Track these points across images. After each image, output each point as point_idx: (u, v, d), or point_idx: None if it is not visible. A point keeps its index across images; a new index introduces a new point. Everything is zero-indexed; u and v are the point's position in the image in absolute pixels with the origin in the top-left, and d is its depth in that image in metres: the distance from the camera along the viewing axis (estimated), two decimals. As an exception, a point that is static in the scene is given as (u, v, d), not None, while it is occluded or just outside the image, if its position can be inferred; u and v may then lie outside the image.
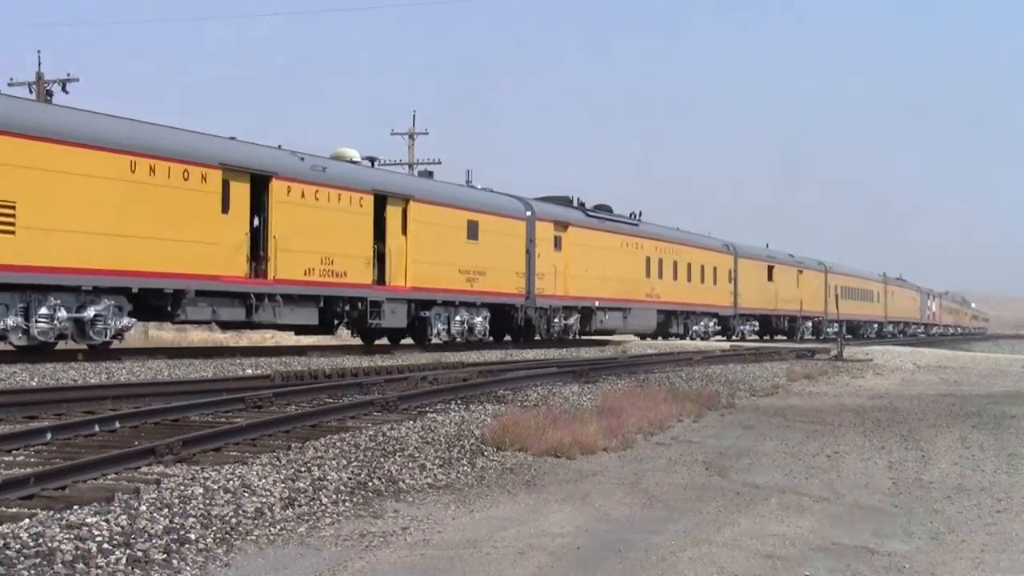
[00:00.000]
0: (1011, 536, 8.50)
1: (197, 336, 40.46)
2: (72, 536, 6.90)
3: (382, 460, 10.42)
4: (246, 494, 8.50)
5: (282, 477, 9.16)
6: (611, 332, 40.25)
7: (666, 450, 12.83)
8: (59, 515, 7.37)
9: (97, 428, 11.39)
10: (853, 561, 7.57)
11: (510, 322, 34.26)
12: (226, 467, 9.32)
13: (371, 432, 11.71)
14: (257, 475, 9.11)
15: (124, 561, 6.67)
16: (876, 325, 75.15)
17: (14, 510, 7.49)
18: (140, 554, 6.81)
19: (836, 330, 60.51)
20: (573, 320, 37.17)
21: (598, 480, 10.62)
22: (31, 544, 6.69)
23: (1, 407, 12.62)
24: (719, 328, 50.20)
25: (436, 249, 29.76)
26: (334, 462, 10.00)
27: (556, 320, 36.05)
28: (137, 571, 6.59)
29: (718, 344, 41.54)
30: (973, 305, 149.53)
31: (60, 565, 6.44)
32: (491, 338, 33.41)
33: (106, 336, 21.08)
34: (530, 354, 29.84)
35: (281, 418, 12.21)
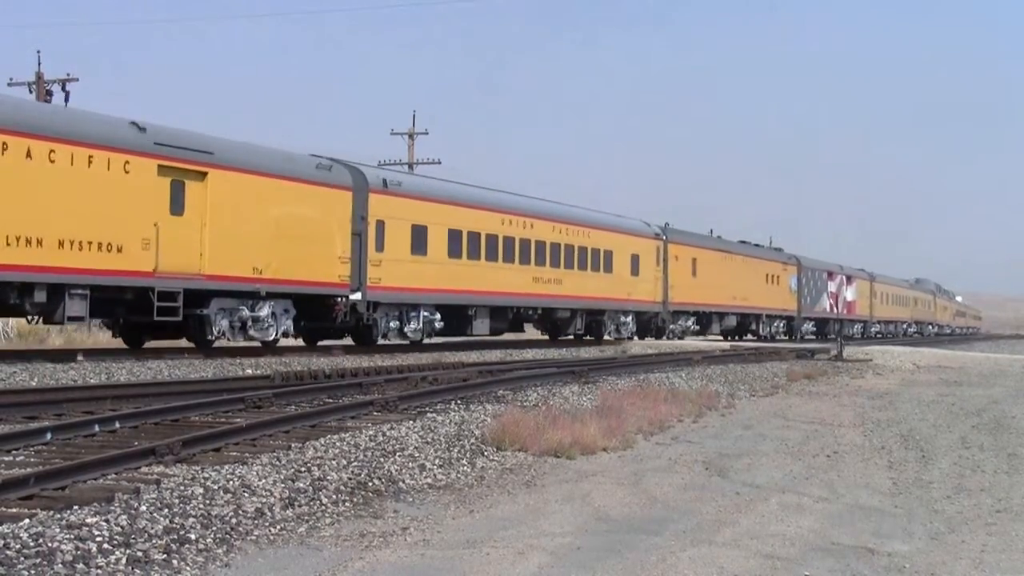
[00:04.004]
0: (1011, 536, 8.50)
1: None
2: (72, 536, 6.90)
3: (382, 460, 10.41)
4: (246, 494, 8.50)
5: (282, 477, 9.16)
6: None
7: (666, 450, 12.83)
8: (59, 515, 7.37)
9: (97, 428, 11.39)
10: (853, 561, 7.57)
11: None
12: (226, 467, 9.32)
13: (371, 432, 11.71)
14: (257, 475, 9.11)
15: (124, 561, 6.67)
16: (630, 315, 40.48)
17: (14, 510, 7.49)
18: (140, 554, 6.82)
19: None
20: None
21: (598, 480, 10.61)
22: (31, 544, 6.69)
23: (1, 407, 12.62)
24: None
25: None
26: (334, 462, 10.00)
27: None
28: (137, 571, 6.59)
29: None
30: (959, 299, 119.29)
31: (60, 565, 6.44)
32: None
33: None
34: (529, 354, 29.84)
35: (281, 418, 12.21)
